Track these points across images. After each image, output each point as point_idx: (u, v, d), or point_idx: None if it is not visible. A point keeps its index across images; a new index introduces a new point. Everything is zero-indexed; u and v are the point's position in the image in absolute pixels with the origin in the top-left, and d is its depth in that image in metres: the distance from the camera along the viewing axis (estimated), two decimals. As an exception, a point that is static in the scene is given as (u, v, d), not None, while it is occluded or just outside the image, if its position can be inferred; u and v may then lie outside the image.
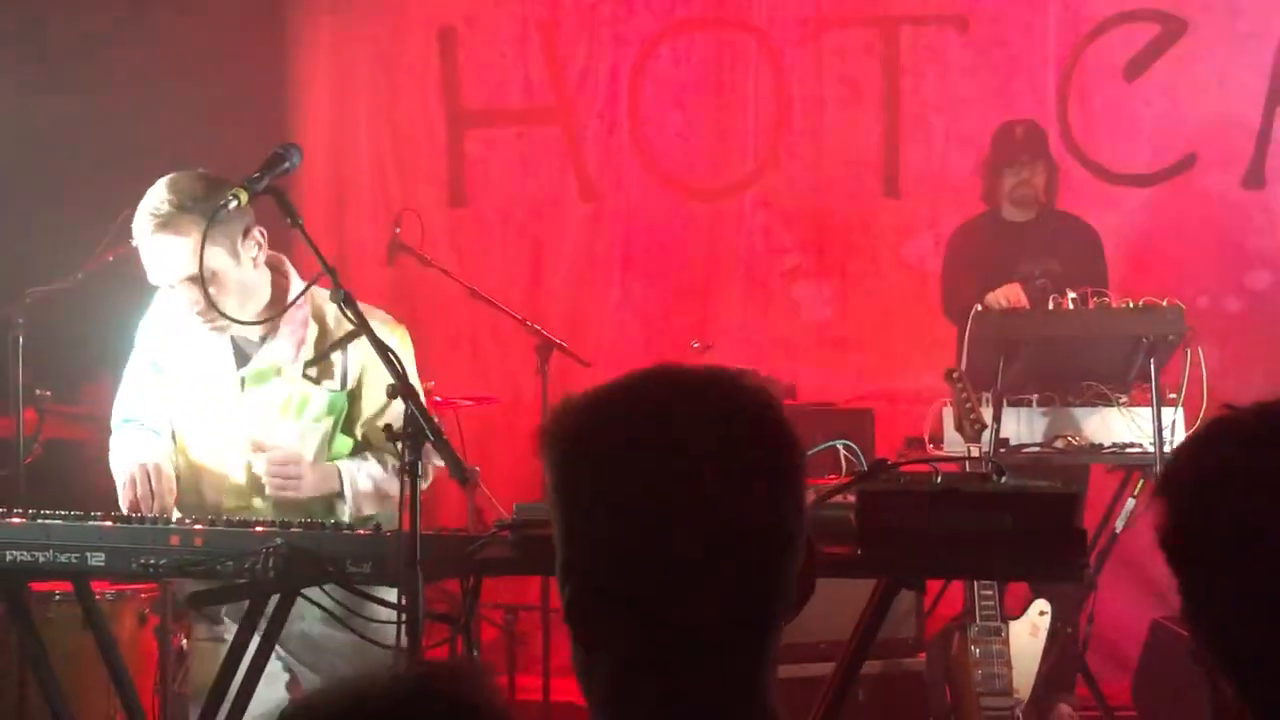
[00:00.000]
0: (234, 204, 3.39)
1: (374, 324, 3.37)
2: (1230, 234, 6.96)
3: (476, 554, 3.15)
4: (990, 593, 5.33)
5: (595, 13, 7.27)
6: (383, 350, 3.27)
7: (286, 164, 3.43)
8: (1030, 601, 5.51)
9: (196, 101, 6.52)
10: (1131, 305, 5.52)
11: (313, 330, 3.75)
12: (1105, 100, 7.05)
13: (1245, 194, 6.98)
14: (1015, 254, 6.03)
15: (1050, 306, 5.58)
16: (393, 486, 3.68)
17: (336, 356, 3.71)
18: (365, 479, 3.74)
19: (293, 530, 3.25)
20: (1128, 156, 7.04)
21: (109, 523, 3.36)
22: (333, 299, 3.37)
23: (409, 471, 3.15)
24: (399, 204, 7.11)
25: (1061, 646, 5.55)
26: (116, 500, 3.65)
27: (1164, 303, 5.49)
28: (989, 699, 5.31)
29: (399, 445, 3.16)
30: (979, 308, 5.57)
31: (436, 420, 3.18)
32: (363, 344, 3.40)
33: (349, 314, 3.33)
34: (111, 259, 5.13)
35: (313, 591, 3.25)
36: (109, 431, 3.92)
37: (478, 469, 5.51)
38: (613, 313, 7.20)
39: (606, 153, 7.27)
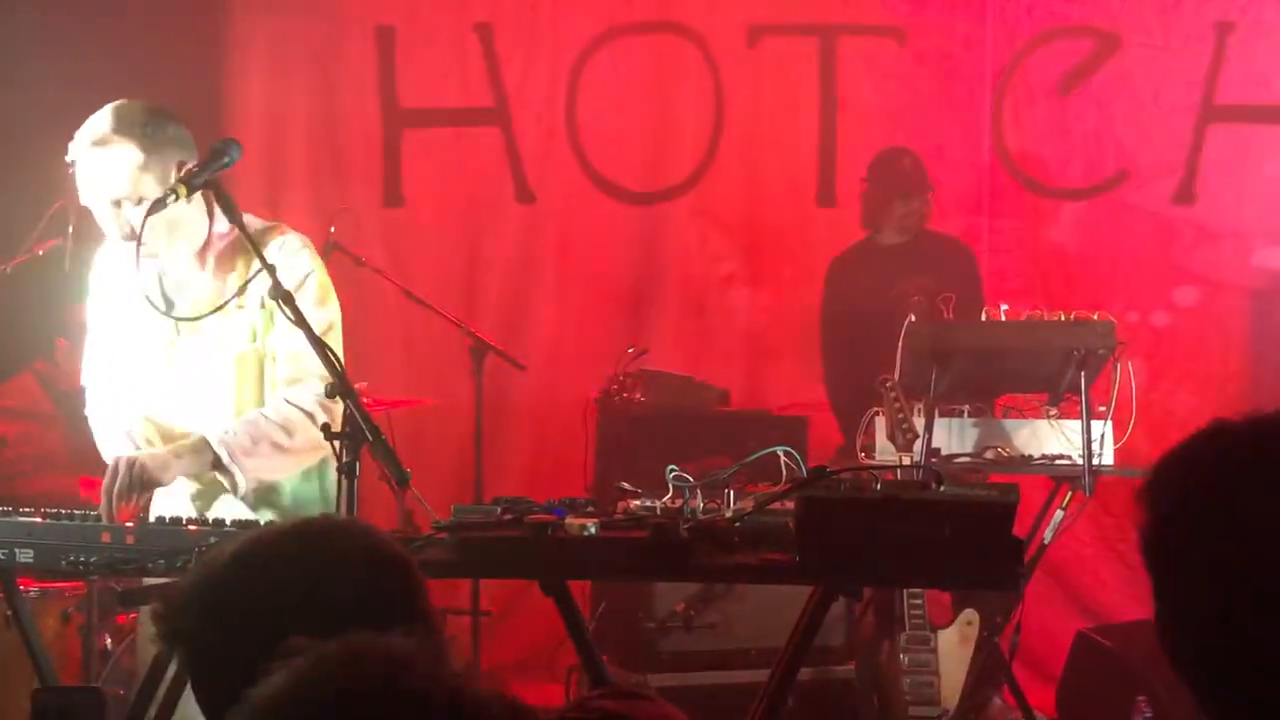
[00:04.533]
0: (172, 199, 3.39)
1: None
2: (1161, 249, 7.04)
3: (414, 556, 3.12)
4: (920, 601, 5.37)
5: (534, 16, 7.24)
6: (321, 349, 3.25)
7: (225, 159, 3.44)
8: (958, 611, 5.55)
9: (132, 98, 6.44)
10: (1063, 318, 5.57)
11: (241, 263, 3.72)
12: (1040, 114, 7.12)
13: (1176, 210, 7.07)
14: (890, 276, 6.12)
15: (983, 318, 5.63)
16: (297, 438, 3.62)
17: (252, 285, 3.67)
18: (245, 437, 3.61)
19: (226, 529, 3.21)
20: (1061, 171, 7.11)
21: (39, 519, 3.31)
22: (271, 296, 3.35)
23: (346, 472, 3.13)
24: (334, 203, 7.07)
25: (989, 655, 5.59)
26: (43, 496, 3.60)
27: (1095, 316, 5.54)
28: (917, 708, 5.34)
29: (336, 445, 3.13)
30: (912, 318, 5.61)
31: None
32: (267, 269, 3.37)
33: (288, 312, 3.31)
34: (41, 253, 5.07)
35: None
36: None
37: (410, 471, 5.48)
38: (548, 316, 7.18)
39: (544, 156, 7.25)
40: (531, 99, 7.24)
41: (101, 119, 3.61)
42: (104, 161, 3.55)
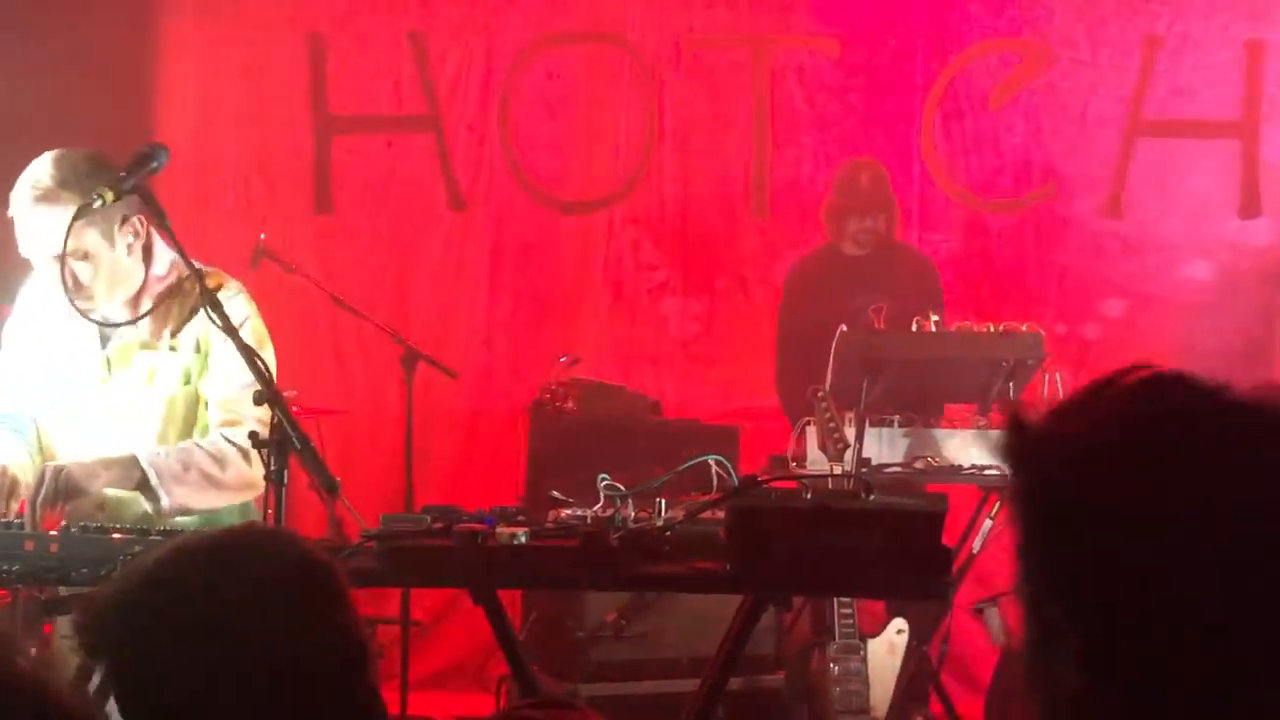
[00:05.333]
0: (99, 203, 3.37)
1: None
2: (1088, 262, 7.11)
3: (342, 564, 3.10)
4: (849, 610, 5.39)
5: (467, 23, 7.22)
6: (250, 356, 3.23)
7: (154, 163, 3.41)
8: (888, 620, 5.57)
9: (62, 101, 6.38)
10: (992, 329, 5.62)
11: (176, 306, 3.71)
12: (970, 126, 7.17)
13: (1104, 223, 7.14)
14: (851, 288, 6.14)
15: (914, 329, 5.66)
16: (229, 471, 3.61)
17: (189, 326, 3.67)
18: (176, 463, 3.59)
19: (152, 538, 3.18)
20: (991, 182, 7.16)
21: (-40, 527, 3.26)
22: (201, 304, 3.34)
23: (274, 480, 3.10)
24: (264, 209, 7.03)
25: (918, 665, 5.62)
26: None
27: (1024, 328, 5.59)
28: (846, 717, 5.36)
29: (263, 452, 3.11)
30: (843, 328, 5.63)
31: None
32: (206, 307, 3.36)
33: (215, 319, 3.30)
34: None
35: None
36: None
37: (338, 480, 5.44)
38: (480, 324, 7.16)
39: (476, 164, 7.23)
40: (464, 107, 7.22)
41: (42, 170, 3.56)
42: (47, 218, 3.52)
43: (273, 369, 3.56)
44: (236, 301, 3.68)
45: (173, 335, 3.68)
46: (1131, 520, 1.25)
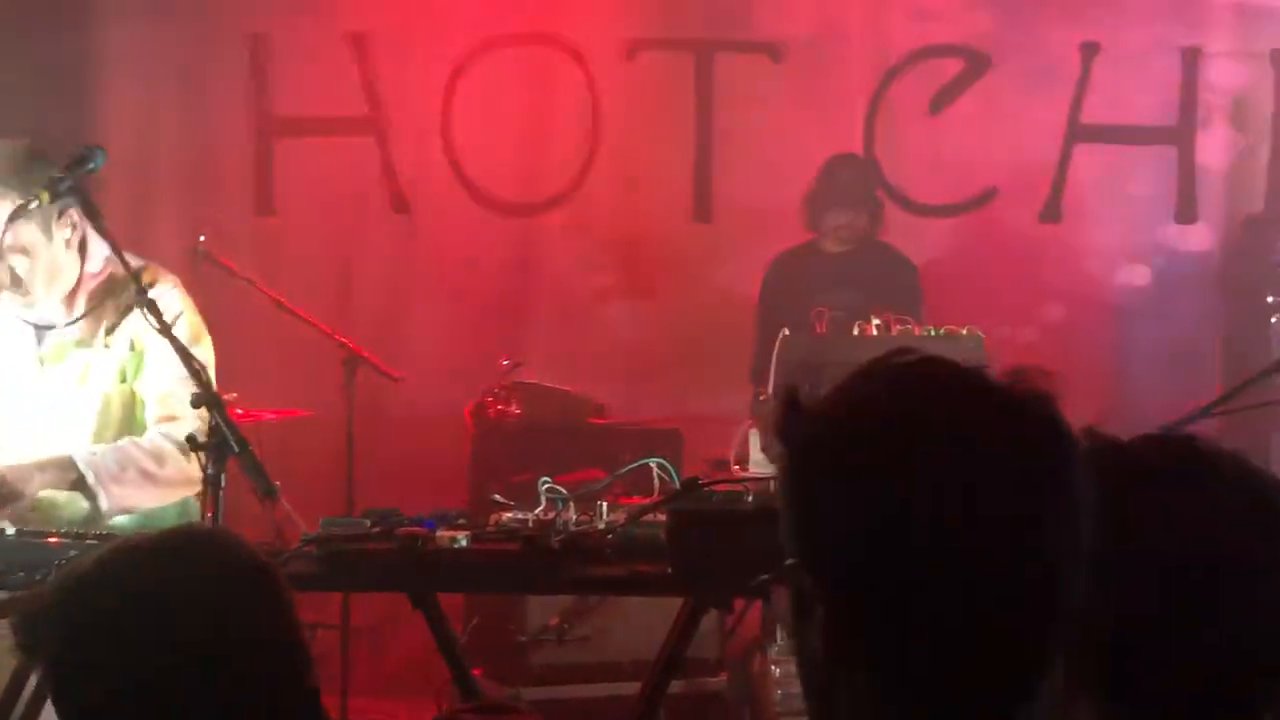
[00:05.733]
0: (35, 205, 3.36)
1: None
2: (1028, 266, 7.16)
3: (281, 568, 3.09)
4: (792, 613, 5.39)
5: (410, 26, 7.20)
6: (188, 359, 3.21)
7: (90, 164, 3.40)
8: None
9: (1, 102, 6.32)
10: (933, 333, 5.64)
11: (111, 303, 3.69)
12: (911, 132, 7.21)
13: (1043, 228, 7.19)
14: (825, 285, 6.16)
15: (855, 332, 5.68)
16: (168, 468, 3.59)
17: (124, 323, 3.66)
18: (113, 463, 3.59)
19: (88, 542, 3.16)
20: (931, 188, 7.20)
21: (-107, 531, 3.23)
22: (136, 304, 3.33)
23: (211, 484, 3.09)
24: (204, 212, 6.98)
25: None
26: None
27: (964, 331, 5.62)
28: (789, 719, 5.37)
29: (200, 456, 3.10)
30: (786, 332, 5.65)
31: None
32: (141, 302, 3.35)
33: (152, 321, 3.29)
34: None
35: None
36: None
37: (278, 484, 5.41)
38: (422, 328, 7.13)
39: (419, 167, 7.21)
40: (407, 109, 7.20)
41: None
42: None
43: (210, 364, 3.55)
44: (170, 297, 3.66)
45: (108, 333, 3.66)
46: (862, 492, 1.30)
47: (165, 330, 3.24)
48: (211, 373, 3.69)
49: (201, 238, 5.82)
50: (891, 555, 1.28)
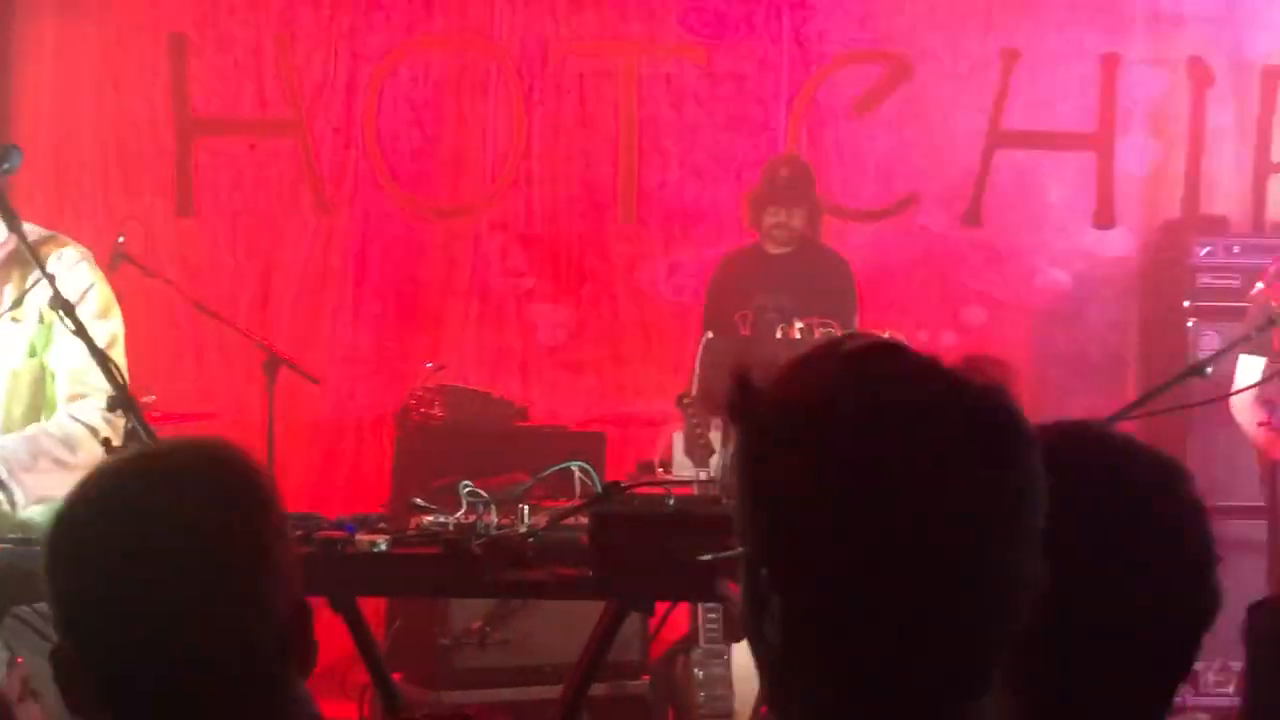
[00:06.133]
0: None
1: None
2: (949, 270, 7.22)
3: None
4: (715, 615, 5.41)
5: (332, 25, 7.15)
6: (103, 361, 3.18)
7: (5, 165, 3.36)
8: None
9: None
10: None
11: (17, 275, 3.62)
12: (834, 136, 7.25)
13: (964, 232, 7.25)
14: (764, 286, 6.19)
15: (779, 335, 5.71)
16: (80, 454, 3.52)
17: (29, 297, 3.58)
18: (24, 453, 3.51)
19: (4, 545, 3.12)
20: (854, 192, 7.25)
21: None
22: (51, 307, 3.28)
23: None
24: (123, 212, 6.90)
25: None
26: None
27: (886, 335, 5.63)
28: (711, 721, 5.38)
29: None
30: (709, 335, 5.67)
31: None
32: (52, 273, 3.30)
33: (68, 323, 3.25)
34: None
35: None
36: None
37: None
38: (345, 330, 7.09)
39: (342, 167, 7.16)
40: (329, 109, 7.15)
41: None
42: None
43: (119, 339, 3.49)
44: (78, 270, 3.59)
45: (14, 306, 3.57)
46: (819, 478, 1.28)
47: (79, 330, 3.18)
48: (121, 348, 3.63)
49: (120, 238, 5.75)
50: (848, 545, 1.27)
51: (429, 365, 6.25)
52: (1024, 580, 1.31)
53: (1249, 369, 5.56)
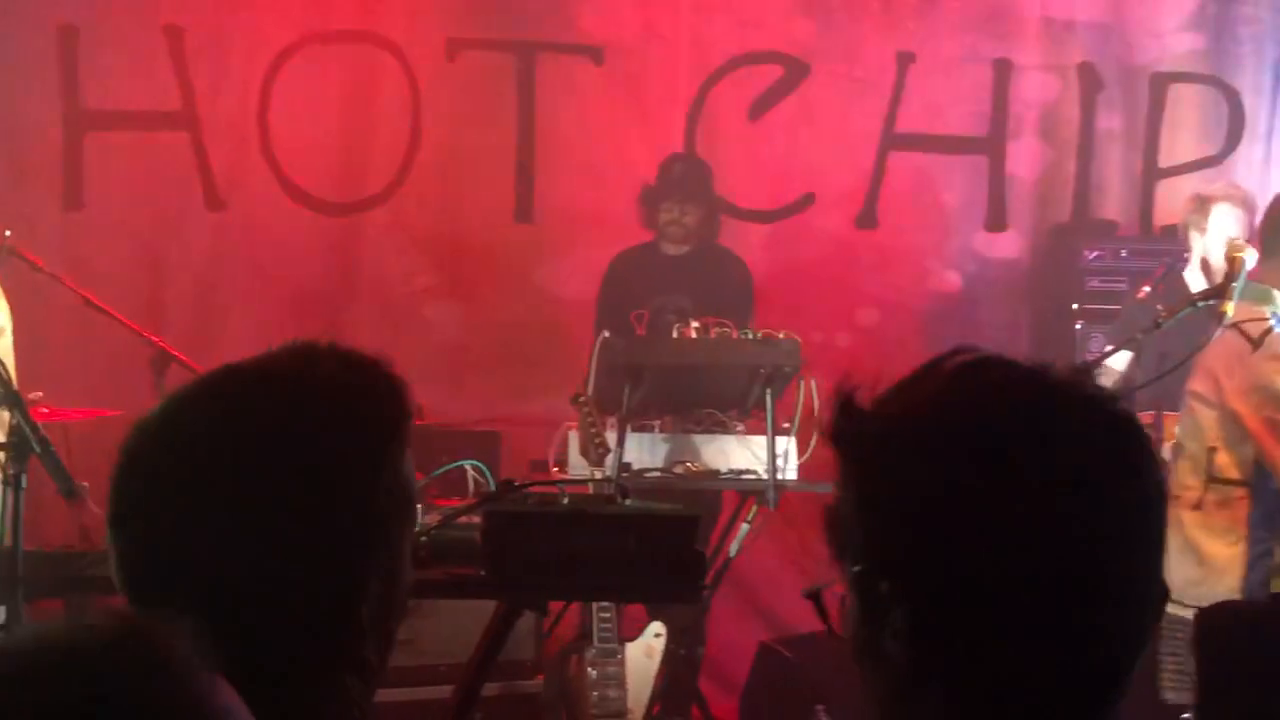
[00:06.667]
0: None
1: None
2: (843, 272, 7.27)
3: (85, 571, 3.02)
4: (608, 615, 5.42)
5: (226, 20, 7.07)
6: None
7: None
8: (646, 624, 5.62)
9: None
10: (751, 337, 5.71)
11: None
12: (731, 137, 7.28)
13: (858, 234, 7.31)
14: (661, 286, 6.21)
15: (675, 335, 5.73)
16: None
17: None
18: None
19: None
20: (751, 193, 7.28)
21: None
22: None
23: (13, 485, 3.01)
24: (9, 207, 6.78)
25: (675, 668, 5.67)
26: None
27: (781, 335, 5.69)
28: (605, 721, 5.39)
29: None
30: (605, 334, 5.67)
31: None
32: None
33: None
34: None
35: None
36: None
37: (86, 485, 5.28)
38: (238, 327, 7.00)
39: (235, 163, 7.08)
40: (222, 104, 7.06)
41: None
42: None
43: (8, 330, 3.43)
44: None
45: None
46: (957, 493, 1.28)
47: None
48: (8, 344, 3.57)
49: (7, 232, 5.65)
50: (990, 555, 1.27)
51: (323, 363, 6.19)
52: (1154, 589, 1.32)
53: (1115, 361, 5.66)
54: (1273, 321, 3.98)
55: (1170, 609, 3.98)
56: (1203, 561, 4.10)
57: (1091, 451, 1.30)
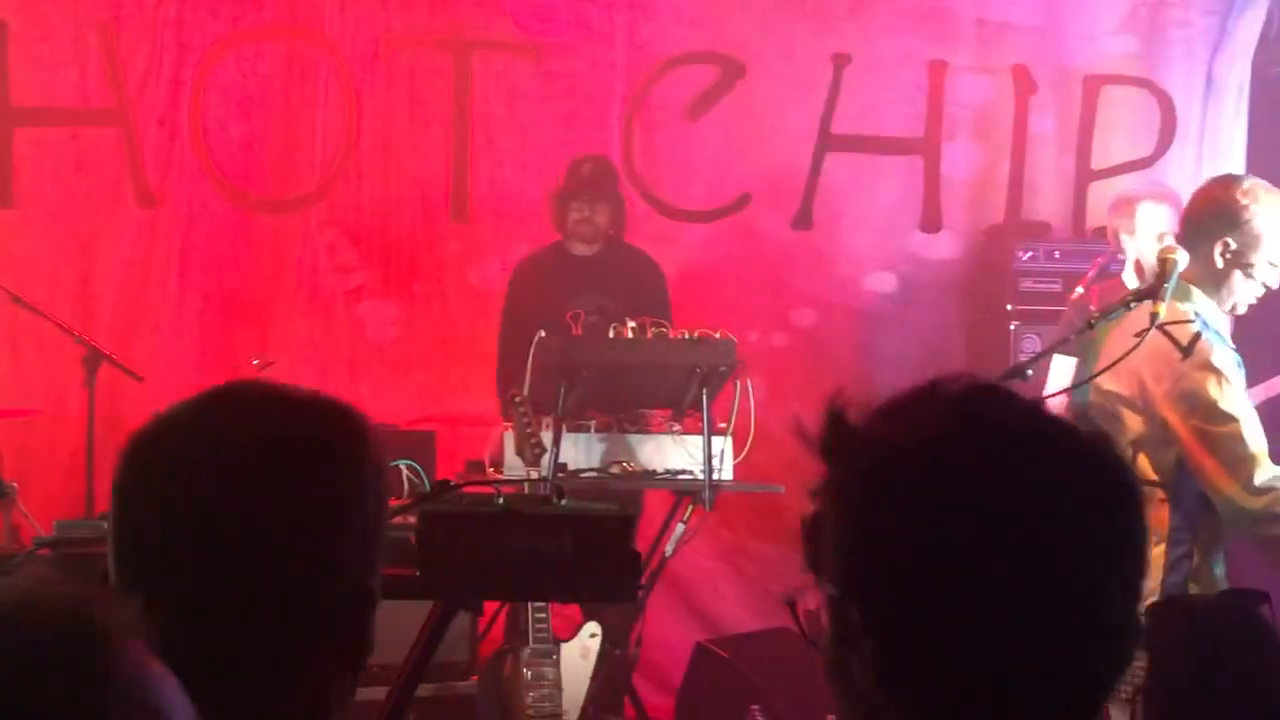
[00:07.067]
0: None
1: None
2: (779, 272, 7.28)
3: (12, 573, 2.98)
4: (543, 616, 5.41)
5: (158, 15, 6.99)
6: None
7: None
8: (582, 624, 5.61)
9: None
10: (687, 337, 5.72)
11: None
12: (668, 137, 7.28)
13: (794, 234, 7.32)
14: (575, 287, 6.21)
15: (611, 335, 5.73)
16: None
17: None
18: None
19: None
20: (687, 193, 7.28)
21: None
22: None
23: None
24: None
25: (610, 668, 5.67)
26: None
27: (717, 335, 5.70)
28: (539, 722, 5.37)
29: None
30: (541, 334, 5.66)
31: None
32: None
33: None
34: None
35: None
36: None
37: (15, 485, 5.23)
38: (168, 325, 6.94)
39: (166, 160, 7.00)
40: (154, 101, 6.99)
41: None
42: None
43: None
44: None
45: None
46: (932, 526, 1.28)
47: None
48: None
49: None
50: (963, 591, 1.26)
51: (254, 362, 6.15)
52: (1131, 625, 1.32)
53: (1062, 369, 5.70)
54: (1198, 324, 4.01)
55: None
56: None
57: (1080, 491, 1.30)
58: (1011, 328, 6.87)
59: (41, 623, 1.09)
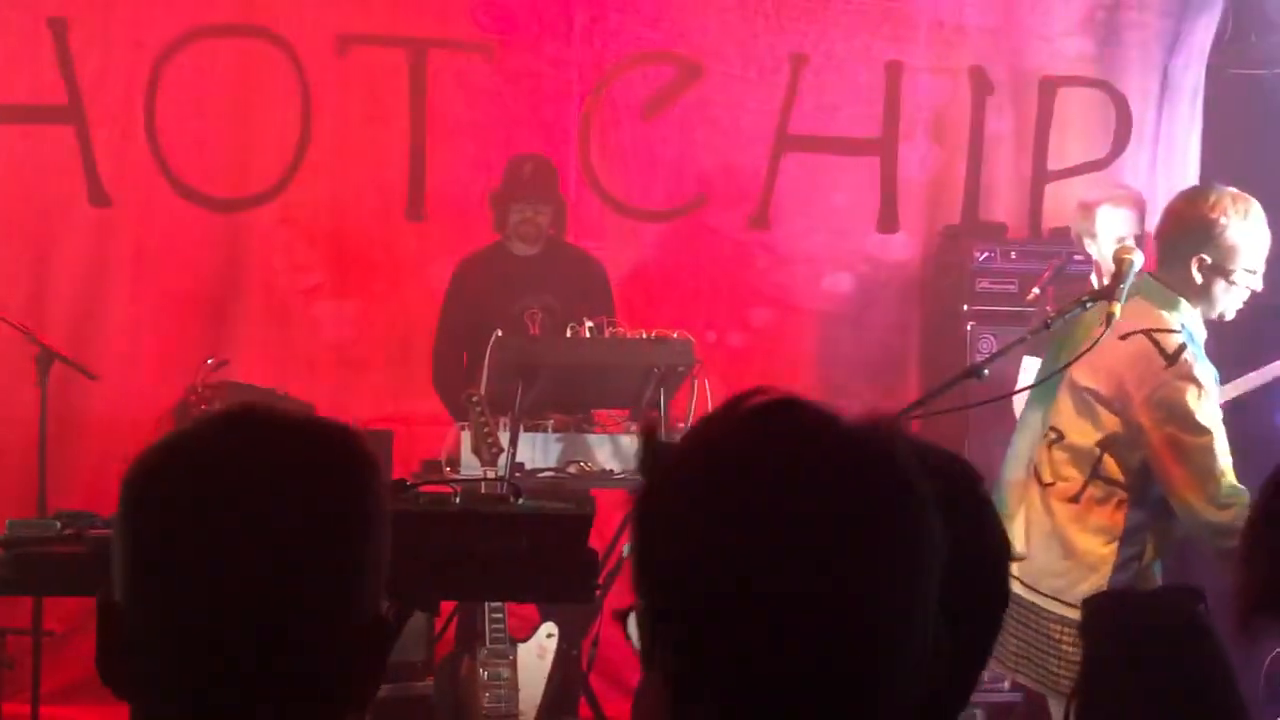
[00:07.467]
0: None
1: None
2: (736, 272, 7.29)
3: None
4: (500, 615, 5.40)
5: (112, 13, 6.94)
6: None
7: None
8: (538, 624, 5.61)
9: None
10: (645, 336, 5.72)
11: None
12: (624, 137, 7.27)
13: (751, 234, 7.33)
14: (517, 288, 6.20)
15: (569, 335, 5.72)
16: None
17: None
18: None
19: None
20: (643, 192, 7.28)
21: None
22: None
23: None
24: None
25: (566, 668, 5.67)
26: None
27: (675, 335, 5.70)
28: (496, 722, 5.37)
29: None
30: (499, 333, 5.65)
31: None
32: None
33: None
34: None
35: None
36: None
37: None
38: (123, 324, 6.89)
39: (121, 158, 6.95)
40: (108, 98, 6.93)
41: None
42: None
43: None
44: None
45: None
46: (683, 528, 1.33)
47: None
48: None
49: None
50: (722, 596, 1.30)
51: (209, 361, 6.12)
52: (915, 645, 1.33)
53: (1032, 371, 5.73)
54: (1184, 337, 4.05)
55: (1021, 591, 4.06)
56: (1070, 554, 4.15)
57: (841, 497, 1.32)
58: (968, 328, 6.89)
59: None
